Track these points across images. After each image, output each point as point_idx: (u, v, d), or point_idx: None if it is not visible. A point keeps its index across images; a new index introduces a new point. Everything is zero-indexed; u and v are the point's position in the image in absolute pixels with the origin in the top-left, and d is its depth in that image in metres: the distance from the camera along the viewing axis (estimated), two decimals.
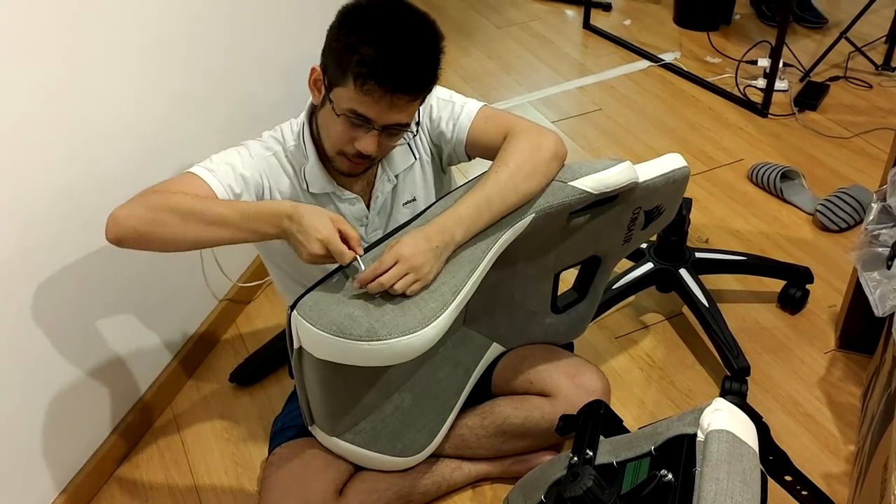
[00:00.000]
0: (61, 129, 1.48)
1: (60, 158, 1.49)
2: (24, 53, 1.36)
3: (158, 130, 1.75)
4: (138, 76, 1.66)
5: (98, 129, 1.57)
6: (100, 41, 1.53)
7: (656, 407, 1.89)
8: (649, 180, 1.55)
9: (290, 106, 1.49)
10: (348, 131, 1.35)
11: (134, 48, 1.63)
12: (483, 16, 3.78)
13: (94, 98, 1.55)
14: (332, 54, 1.32)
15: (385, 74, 1.26)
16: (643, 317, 2.14)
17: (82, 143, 1.54)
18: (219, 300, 2.12)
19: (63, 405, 1.62)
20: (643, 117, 2.99)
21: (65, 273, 1.56)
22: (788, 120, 2.90)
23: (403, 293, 1.26)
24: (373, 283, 1.24)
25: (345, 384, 1.42)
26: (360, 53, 1.26)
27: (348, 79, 1.29)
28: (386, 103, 1.30)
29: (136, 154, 1.69)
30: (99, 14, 1.51)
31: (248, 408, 1.93)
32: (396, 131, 1.38)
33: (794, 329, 2.07)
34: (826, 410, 1.86)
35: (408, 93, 1.31)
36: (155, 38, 1.69)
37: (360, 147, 1.35)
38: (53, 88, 1.44)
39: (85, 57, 1.50)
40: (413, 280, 1.26)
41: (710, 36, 3.42)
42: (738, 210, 2.49)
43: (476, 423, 1.62)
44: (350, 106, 1.32)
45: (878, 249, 1.57)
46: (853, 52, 3.16)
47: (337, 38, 1.31)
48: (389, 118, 1.33)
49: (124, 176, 1.66)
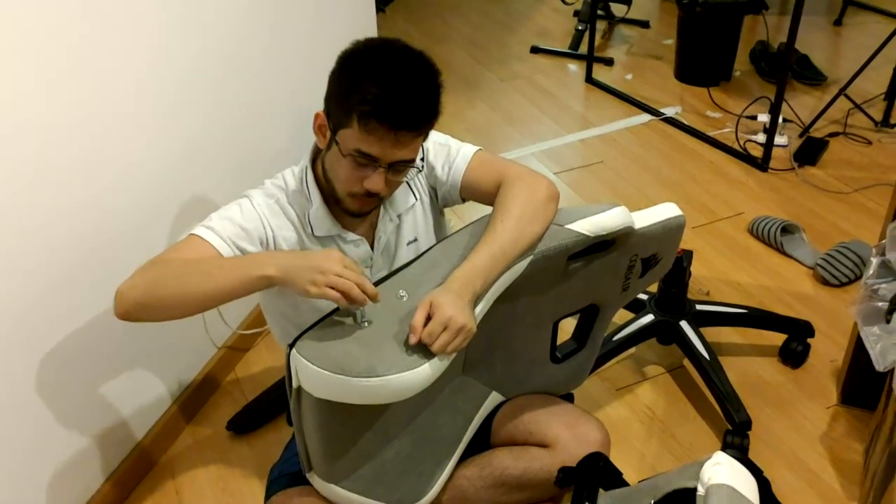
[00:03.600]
0: (73, 176, 1.50)
1: (72, 205, 1.51)
2: (33, 98, 1.39)
3: (170, 177, 1.78)
4: (150, 122, 1.68)
5: (107, 177, 1.59)
6: (111, 88, 1.56)
7: (657, 460, 1.87)
8: (645, 227, 1.57)
9: (299, 153, 1.52)
10: (356, 171, 1.37)
11: (146, 94, 1.66)
12: (488, 69, 3.84)
13: (105, 145, 1.57)
14: (335, 97, 1.36)
15: (388, 112, 1.29)
16: (644, 369, 2.13)
17: (93, 190, 1.56)
18: (218, 347, 2.11)
19: (57, 450, 1.61)
20: (645, 170, 3.01)
21: (67, 318, 1.57)
22: (788, 174, 2.92)
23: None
24: (435, 348, 1.26)
25: (343, 426, 1.41)
26: (363, 93, 1.29)
27: (352, 119, 1.32)
28: (390, 141, 1.32)
29: (146, 200, 1.72)
30: (110, 61, 1.54)
31: (245, 456, 1.91)
32: (403, 167, 1.40)
33: (795, 383, 2.06)
34: (828, 466, 1.84)
35: (411, 129, 1.34)
36: (167, 85, 1.72)
37: (368, 186, 1.37)
38: (60, 136, 1.46)
39: (97, 103, 1.53)
40: (465, 338, 1.29)
41: (710, 91, 3.47)
42: (739, 263, 2.49)
43: (474, 474, 1.61)
44: (356, 146, 1.34)
45: (877, 304, 1.57)
46: (852, 108, 3.20)
47: (338, 81, 1.35)
48: (395, 155, 1.35)
49: (134, 222, 1.68)
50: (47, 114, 1.42)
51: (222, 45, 1.90)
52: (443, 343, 1.26)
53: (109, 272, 1.60)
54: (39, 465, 1.58)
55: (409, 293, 1.36)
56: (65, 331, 1.57)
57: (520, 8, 4.52)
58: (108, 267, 1.61)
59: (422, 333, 1.26)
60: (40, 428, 1.56)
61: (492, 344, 1.60)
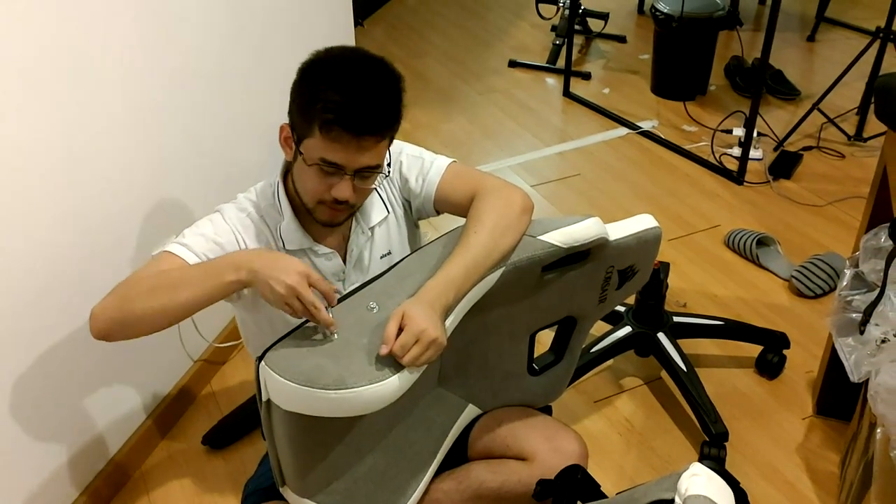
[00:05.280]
0: (49, 191, 1.49)
1: (45, 221, 1.50)
2: (9, 111, 1.37)
3: (143, 194, 1.76)
4: (128, 136, 1.67)
5: (82, 194, 1.58)
6: (83, 102, 1.55)
7: (635, 472, 1.87)
8: (620, 239, 1.57)
9: (274, 168, 1.52)
10: (323, 180, 1.37)
11: (119, 109, 1.65)
12: (466, 83, 3.85)
13: (79, 163, 1.56)
14: (297, 108, 1.35)
15: (349, 119, 1.29)
16: (622, 381, 2.13)
17: (67, 208, 1.54)
18: (194, 360, 2.09)
19: (31, 464, 1.59)
20: (622, 183, 3.03)
21: (42, 333, 1.55)
22: (763, 188, 2.95)
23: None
24: (406, 360, 1.25)
25: (315, 440, 1.40)
26: (323, 101, 1.28)
27: (314, 128, 1.31)
28: (353, 147, 1.32)
29: (120, 218, 1.70)
30: (82, 75, 1.53)
31: (220, 471, 1.89)
32: (369, 174, 1.39)
33: (771, 394, 2.07)
34: (805, 477, 1.85)
35: (373, 134, 1.33)
36: (140, 100, 1.71)
37: (336, 194, 1.37)
38: (36, 152, 1.45)
39: (68, 119, 1.51)
40: (436, 351, 1.28)
41: (686, 105, 3.50)
42: (716, 275, 2.51)
43: (451, 488, 1.59)
44: (320, 155, 1.33)
45: (851, 315, 1.58)
46: (826, 122, 3.24)
47: (300, 91, 1.34)
48: (359, 161, 1.35)
49: (109, 236, 1.66)
50: (24, 128, 1.40)
51: (202, 59, 1.90)
52: (413, 356, 1.25)
53: (87, 286, 1.60)
54: (14, 480, 1.55)
55: (379, 305, 1.35)
56: (40, 346, 1.55)
57: (498, 23, 4.54)
58: (86, 280, 1.60)
59: (393, 345, 1.25)
60: (15, 441, 1.54)
61: (467, 356, 1.59)
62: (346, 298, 1.36)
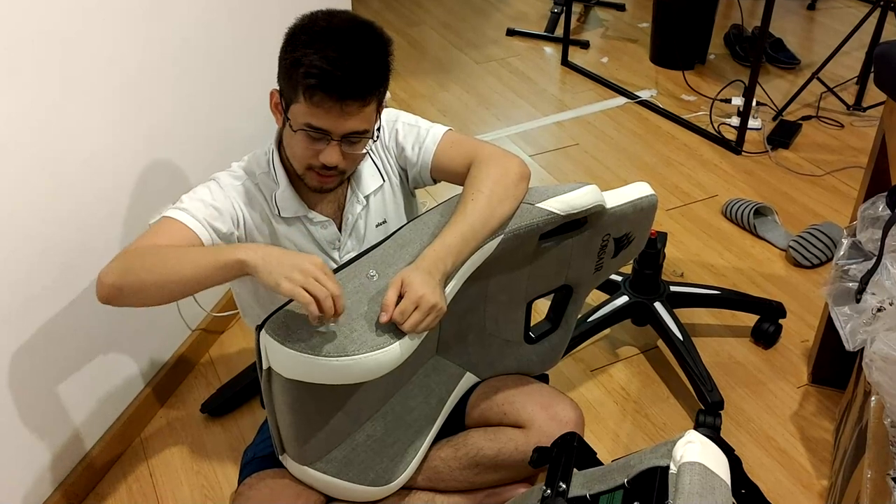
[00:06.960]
0: (38, 166, 1.48)
1: (37, 194, 1.49)
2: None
3: (136, 166, 1.75)
4: (117, 110, 1.66)
5: (75, 166, 1.57)
6: (74, 75, 1.53)
7: (630, 440, 1.88)
8: (617, 206, 1.57)
9: (267, 138, 1.51)
10: (310, 146, 1.36)
11: (111, 84, 1.63)
12: (463, 52, 3.82)
13: (72, 136, 1.55)
14: (283, 73, 1.34)
15: (331, 83, 1.28)
16: (618, 350, 2.14)
17: (60, 181, 1.53)
18: (192, 330, 2.10)
19: (29, 436, 1.59)
20: (619, 152, 3.02)
21: (40, 300, 1.55)
22: (762, 157, 2.94)
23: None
24: (406, 327, 1.25)
25: (315, 408, 1.41)
26: (306, 66, 1.27)
27: (299, 94, 1.31)
28: (337, 112, 1.31)
29: (113, 190, 1.69)
30: (73, 47, 1.51)
31: (219, 438, 1.90)
32: (357, 139, 1.38)
33: (767, 363, 2.08)
34: (799, 445, 1.86)
35: (357, 98, 1.31)
36: (132, 74, 1.69)
37: (323, 160, 1.36)
38: (28, 126, 1.44)
39: (60, 91, 1.50)
40: (436, 317, 1.29)
41: (685, 75, 3.48)
42: (713, 245, 2.51)
43: (449, 455, 1.61)
44: (305, 120, 1.33)
45: (848, 284, 1.58)
46: (825, 92, 3.22)
47: (285, 56, 1.33)
48: (345, 127, 1.34)
49: (102, 211, 1.65)
50: (12, 104, 1.39)
51: (192, 28, 1.87)
52: (414, 322, 1.26)
53: (81, 258, 1.59)
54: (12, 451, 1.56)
55: (378, 272, 1.35)
56: (38, 315, 1.55)
57: None
58: (80, 253, 1.59)
59: (393, 312, 1.25)
60: (12, 410, 1.54)
61: (465, 324, 1.60)
62: (346, 266, 1.36)
